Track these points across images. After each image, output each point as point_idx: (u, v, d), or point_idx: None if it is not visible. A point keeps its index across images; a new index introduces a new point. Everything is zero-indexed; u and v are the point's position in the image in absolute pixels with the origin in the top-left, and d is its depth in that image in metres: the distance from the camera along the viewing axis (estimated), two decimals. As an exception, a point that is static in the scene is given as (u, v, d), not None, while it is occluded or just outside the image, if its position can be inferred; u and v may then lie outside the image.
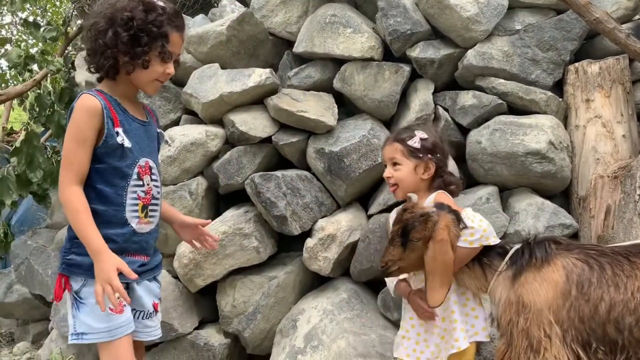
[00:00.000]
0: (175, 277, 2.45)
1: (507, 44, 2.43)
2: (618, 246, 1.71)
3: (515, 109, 2.42)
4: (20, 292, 3.25)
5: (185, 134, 2.46)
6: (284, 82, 2.64)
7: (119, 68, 1.63)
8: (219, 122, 2.57)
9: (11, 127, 4.04)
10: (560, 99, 2.41)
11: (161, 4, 1.64)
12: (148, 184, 1.68)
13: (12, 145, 4.06)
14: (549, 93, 2.37)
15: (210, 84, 2.52)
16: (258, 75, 2.47)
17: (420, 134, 1.97)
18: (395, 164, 1.94)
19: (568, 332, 1.61)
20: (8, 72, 7.43)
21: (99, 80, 1.70)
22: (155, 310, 1.76)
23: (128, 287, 1.68)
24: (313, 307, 2.35)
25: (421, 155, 1.93)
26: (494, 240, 1.77)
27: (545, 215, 2.20)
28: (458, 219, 1.78)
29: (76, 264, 1.59)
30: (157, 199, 1.73)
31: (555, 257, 1.69)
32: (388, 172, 1.95)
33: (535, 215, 2.21)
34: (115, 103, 1.63)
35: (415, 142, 1.95)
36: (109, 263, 1.53)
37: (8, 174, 2.75)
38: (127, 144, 1.60)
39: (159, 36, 1.61)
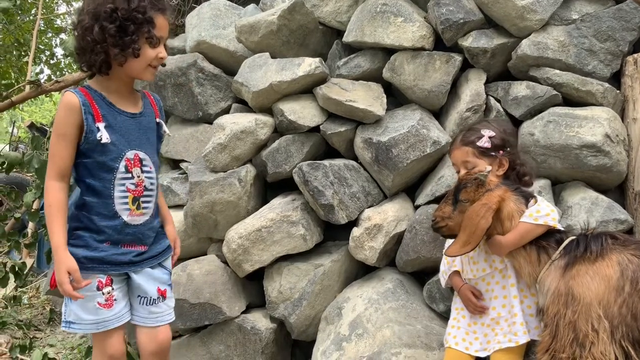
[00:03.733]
0: (224, 262, 2.50)
1: (563, 34, 2.37)
2: None
3: (570, 100, 2.36)
4: (75, 272, 3.38)
5: (235, 122, 2.50)
6: (333, 71, 2.65)
7: (110, 62, 1.65)
8: (268, 110, 2.60)
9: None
10: (618, 91, 2.33)
11: None
12: (139, 176, 1.71)
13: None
14: (606, 84, 2.30)
15: (261, 73, 2.55)
16: (307, 65, 2.49)
17: (488, 132, 1.98)
18: (468, 168, 1.96)
19: (618, 329, 1.58)
20: (63, 60, 7.70)
21: (90, 77, 1.73)
22: (163, 296, 1.80)
23: (128, 276, 1.73)
24: (358, 295, 2.37)
25: (493, 153, 1.96)
26: (558, 225, 1.77)
27: (599, 210, 2.15)
28: (525, 197, 1.81)
29: (70, 254, 1.62)
30: (150, 190, 1.76)
31: (611, 251, 1.67)
32: (463, 175, 1.96)
33: (588, 209, 2.15)
34: (100, 98, 1.66)
35: (485, 142, 1.97)
36: (62, 265, 1.59)
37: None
38: (106, 139, 1.63)
39: (144, 22, 1.63)
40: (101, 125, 1.63)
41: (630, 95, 2.32)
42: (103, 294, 1.68)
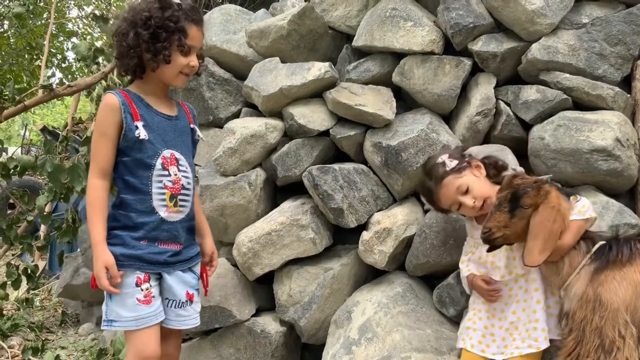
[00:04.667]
0: (234, 265, 2.52)
1: (574, 38, 2.36)
2: None
3: (581, 104, 2.35)
4: (86, 275, 3.41)
5: (245, 126, 2.52)
6: (342, 76, 2.66)
7: (144, 66, 1.75)
8: (278, 115, 2.62)
9: (79, 118, 4.23)
10: (628, 95, 2.32)
11: (177, 0, 1.74)
12: (175, 174, 1.77)
13: (79, 135, 4.26)
14: (617, 89, 2.29)
15: (271, 77, 2.57)
16: (317, 69, 2.50)
17: (444, 155, 1.99)
18: (465, 192, 1.92)
19: None
20: (74, 64, 7.78)
21: (130, 82, 1.83)
22: (190, 300, 1.84)
23: (161, 276, 1.76)
24: (368, 299, 2.37)
25: (465, 164, 1.96)
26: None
27: (610, 214, 2.14)
28: (567, 195, 1.79)
29: (111, 253, 1.68)
30: (187, 189, 1.82)
31: (639, 256, 1.66)
32: (468, 203, 1.92)
33: (599, 213, 2.14)
34: (137, 99, 1.75)
35: (451, 163, 1.95)
36: (99, 260, 1.65)
37: (78, 162, 2.90)
38: (144, 136, 1.71)
39: (176, 30, 1.71)
40: (139, 124, 1.72)
41: (641, 99, 2.31)
42: (142, 290, 1.72)
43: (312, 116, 2.51)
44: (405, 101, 2.65)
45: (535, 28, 2.35)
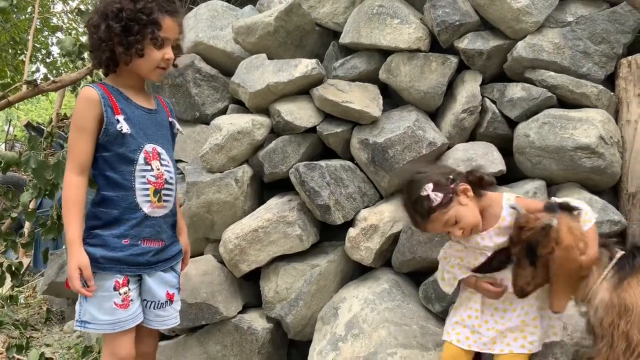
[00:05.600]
0: (221, 262, 2.51)
1: (558, 36, 2.38)
2: None
3: (565, 102, 2.37)
4: (71, 272, 3.38)
5: (232, 122, 2.51)
6: (329, 72, 2.66)
7: (117, 60, 1.70)
8: (265, 111, 2.61)
9: (64, 114, 4.19)
10: (612, 93, 2.35)
11: None
12: (158, 169, 1.75)
13: (64, 131, 4.22)
14: (600, 87, 2.32)
15: (258, 74, 2.56)
16: (304, 66, 2.50)
17: (428, 187, 1.79)
18: (455, 222, 1.80)
19: None
20: (59, 59, 7.69)
21: (105, 75, 1.78)
22: (170, 300, 1.82)
23: (141, 277, 1.74)
24: (354, 296, 2.38)
25: (451, 195, 1.80)
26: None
27: (593, 211, 2.15)
28: (569, 208, 1.75)
29: (88, 253, 1.64)
30: (170, 183, 1.80)
31: None
32: (457, 233, 1.82)
33: (583, 210, 2.17)
34: (116, 92, 1.71)
35: (437, 198, 1.78)
36: (73, 261, 1.60)
37: (63, 158, 2.87)
38: (127, 130, 1.67)
39: (149, 23, 1.66)
40: (120, 117, 1.68)
41: (624, 97, 2.34)
42: (120, 294, 1.69)
43: (299, 113, 2.51)
44: (392, 98, 2.66)
45: (521, 26, 2.37)
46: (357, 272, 2.57)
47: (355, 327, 2.25)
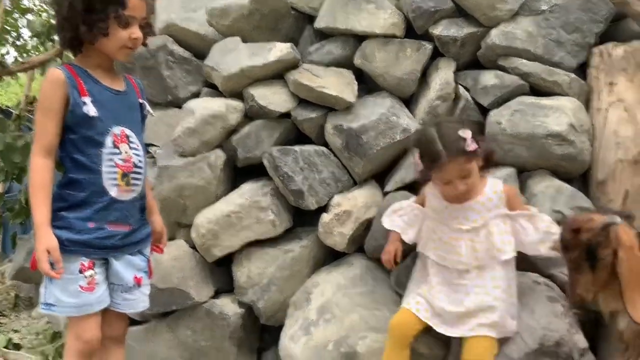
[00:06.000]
0: (193, 247, 2.49)
1: (532, 24, 2.40)
2: None
3: (538, 90, 2.39)
4: (40, 257, 3.32)
5: (205, 106, 2.48)
6: (304, 57, 2.63)
7: (81, 39, 1.66)
8: (238, 95, 2.58)
9: (33, 97, 4.10)
10: (583, 82, 2.38)
11: None
12: (127, 152, 1.72)
13: (33, 114, 4.12)
14: (572, 75, 2.34)
15: (232, 57, 2.53)
16: (279, 50, 2.47)
17: (466, 133, 1.85)
18: (465, 177, 1.86)
19: None
20: (29, 42, 7.49)
21: (74, 56, 1.74)
22: (138, 284, 1.80)
23: (107, 261, 1.72)
24: (327, 281, 2.38)
25: (478, 151, 1.87)
26: None
27: (563, 198, 2.19)
28: (626, 216, 1.65)
29: (56, 237, 1.61)
30: (139, 167, 1.77)
31: None
32: (461, 186, 1.86)
33: (552, 198, 2.20)
34: (84, 73, 1.67)
35: (472, 145, 1.84)
36: (42, 243, 1.57)
37: (31, 140, 2.80)
38: (93, 112, 1.64)
39: (112, 1, 1.62)
40: (87, 99, 1.64)
41: (596, 86, 2.37)
42: (85, 277, 1.66)
43: (273, 97, 2.48)
44: (367, 84, 2.65)
45: (495, 14, 2.38)
46: (330, 257, 2.57)
47: (327, 311, 2.26)
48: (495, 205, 1.96)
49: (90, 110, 1.64)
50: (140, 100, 1.87)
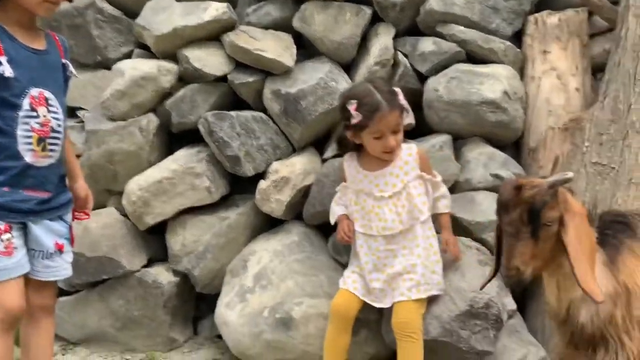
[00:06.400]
0: (124, 215, 2.41)
1: (470, -10, 2.40)
2: None
3: (474, 57, 2.41)
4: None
5: (136, 67, 2.37)
6: (242, 19, 2.55)
7: None
8: (172, 57, 2.47)
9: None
10: (518, 50, 2.41)
11: None
12: (45, 116, 1.63)
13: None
14: (507, 43, 2.37)
15: (164, 16, 2.41)
16: (214, 10, 2.37)
17: (398, 90, 1.94)
18: (396, 131, 1.90)
19: None
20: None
21: None
22: (60, 251, 1.73)
23: (25, 226, 1.64)
24: (264, 248, 2.36)
25: (408, 113, 1.95)
26: None
27: (495, 165, 2.24)
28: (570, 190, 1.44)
29: None
30: (57, 132, 1.68)
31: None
32: (392, 141, 1.89)
33: (485, 164, 2.24)
34: (0, 30, 1.57)
35: (404, 100, 1.92)
36: None
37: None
38: (9, 73, 1.54)
39: None
40: (3, 59, 1.54)
41: (530, 54, 2.41)
42: (2, 240, 1.58)
43: (208, 60, 2.40)
44: (307, 49, 2.59)
45: (434, -21, 2.36)
46: (267, 225, 2.54)
47: (263, 278, 2.24)
48: (411, 168, 1.99)
49: (6, 70, 1.53)
50: (64, 61, 1.76)
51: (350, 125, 1.93)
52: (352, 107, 1.89)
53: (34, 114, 1.60)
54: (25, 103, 1.58)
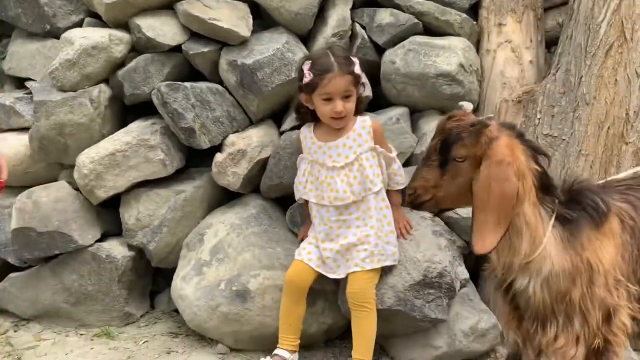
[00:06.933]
0: (76, 189, 2.35)
1: (427, -40, 2.39)
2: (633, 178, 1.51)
3: (431, 29, 2.41)
4: None
5: (85, 36, 2.29)
6: (196, -13, 2.48)
7: None
8: (124, 26, 2.40)
9: None
10: (474, 22, 2.42)
11: None
12: None
13: None
14: (464, 15, 2.37)
15: (115, -17, 2.33)
16: (167, -24, 2.31)
17: (355, 60, 1.96)
18: (347, 96, 1.91)
19: (630, 289, 1.39)
20: None
21: None
22: None
23: None
24: (221, 221, 2.34)
25: (362, 82, 1.97)
26: None
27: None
28: (534, 149, 1.35)
29: None
30: None
31: (611, 205, 1.39)
32: (340, 106, 1.90)
33: (432, 138, 2.25)
34: None
35: (359, 70, 1.94)
36: None
37: None
38: None
39: None
40: None
41: (486, 26, 2.42)
42: None
43: (162, 29, 2.33)
44: (264, 19, 2.55)
45: (392, -52, 2.34)
46: (225, 198, 2.52)
47: (220, 251, 2.22)
48: (364, 140, 1.99)
49: None
50: None
51: (303, 86, 1.96)
52: (306, 67, 1.93)
53: None
54: None
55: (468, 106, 1.40)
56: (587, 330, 1.34)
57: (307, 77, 1.92)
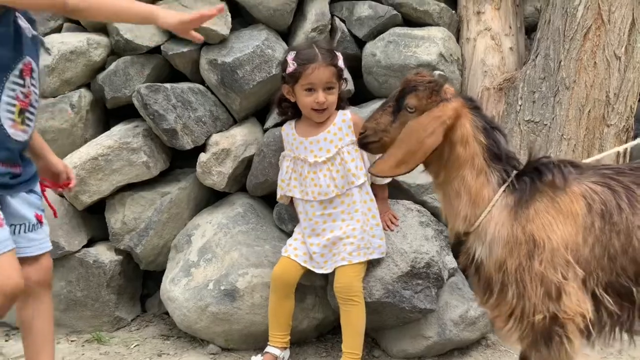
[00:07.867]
0: (61, 195, 2.33)
1: (405, -50, 2.38)
2: (631, 164, 1.49)
3: (410, 20, 2.40)
4: None
5: (63, 41, 2.28)
6: (173, -13, 2.47)
7: None
8: (103, 30, 2.40)
9: None
10: (454, 11, 2.42)
11: None
12: (29, 87, 1.53)
13: None
14: (442, 4, 2.37)
15: (91, -13, 2.32)
16: (143, -22, 2.29)
17: (339, 55, 1.98)
18: (330, 88, 1.93)
19: (592, 275, 1.33)
20: None
21: None
22: (40, 222, 1.64)
23: (1, 201, 1.56)
24: (208, 222, 2.33)
25: (345, 76, 1.99)
26: None
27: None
28: (487, 126, 1.39)
29: None
30: (34, 107, 1.58)
31: (572, 183, 1.35)
32: (322, 97, 1.92)
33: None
34: None
35: (342, 63, 1.96)
36: None
37: None
38: (30, 33, 1.47)
39: None
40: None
41: (465, 15, 2.42)
42: None
43: (140, 31, 2.32)
44: (242, 17, 2.54)
45: (367, -60, 2.33)
46: (212, 198, 2.51)
47: (208, 252, 2.22)
48: (345, 134, 1.99)
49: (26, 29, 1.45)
50: (34, 33, 1.61)
51: (287, 77, 1.97)
52: (290, 57, 1.96)
53: (21, 81, 1.49)
54: (18, 68, 1.47)
55: (438, 75, 1.47)
56: (524, 303, 1.33)
57: (291, 66, 1.94)
